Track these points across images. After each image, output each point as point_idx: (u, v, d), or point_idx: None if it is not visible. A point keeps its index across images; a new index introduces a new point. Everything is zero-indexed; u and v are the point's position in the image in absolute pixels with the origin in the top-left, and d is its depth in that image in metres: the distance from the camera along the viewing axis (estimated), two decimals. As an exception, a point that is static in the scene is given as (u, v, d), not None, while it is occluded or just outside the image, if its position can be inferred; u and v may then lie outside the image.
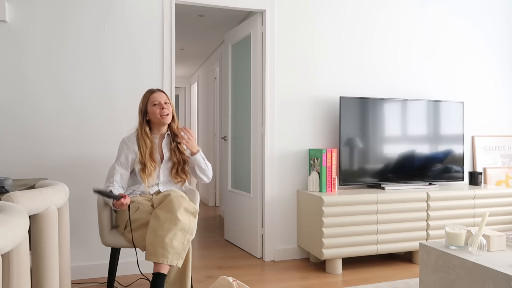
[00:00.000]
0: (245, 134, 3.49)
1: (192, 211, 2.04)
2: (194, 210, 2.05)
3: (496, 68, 3.82)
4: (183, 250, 1.96)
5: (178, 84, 7.64)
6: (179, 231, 1.95)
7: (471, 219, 3.17)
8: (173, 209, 1.96)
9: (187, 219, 1.99)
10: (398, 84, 3.48)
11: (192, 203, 2.06)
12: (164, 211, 1.97)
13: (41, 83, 2.65)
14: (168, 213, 1.96)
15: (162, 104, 2.24)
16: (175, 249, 1.92)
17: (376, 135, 3.21)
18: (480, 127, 3.76)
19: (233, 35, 3.71)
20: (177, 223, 1.94)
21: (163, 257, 1.90)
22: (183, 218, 1.97)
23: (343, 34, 3.33)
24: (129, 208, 2.09)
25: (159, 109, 2.23)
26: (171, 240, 1.91)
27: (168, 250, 1.91)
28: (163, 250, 1.90)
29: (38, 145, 2.65)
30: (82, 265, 2.72)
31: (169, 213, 1.96)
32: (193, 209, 2.05)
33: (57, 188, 1.66)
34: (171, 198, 1.99)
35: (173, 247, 1.92)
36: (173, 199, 1.98)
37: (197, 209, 2.07)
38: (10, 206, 1.16)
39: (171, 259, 1.91)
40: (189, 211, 2.02)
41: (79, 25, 2.72)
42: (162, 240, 1.91)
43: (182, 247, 1.95)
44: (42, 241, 1.52)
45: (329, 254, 2.79)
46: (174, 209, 1.96)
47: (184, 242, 1.96)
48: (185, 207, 2.00)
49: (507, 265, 1.71)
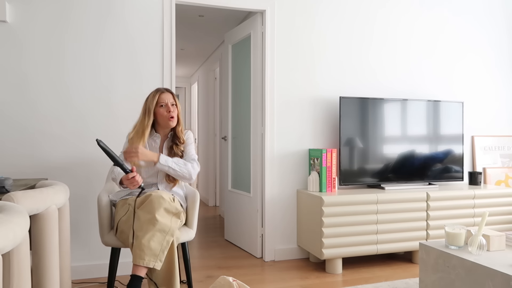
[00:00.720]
0: (245, 134, 3.49)
1: (174, 212, 1.98)
2: (176, 211, 1.99)
3: (496, 68, 3.82)
4: (161, 251, 1.90)
5: (178, 84, 7.65)
6: (157, 232, 1.90)
7: (471, 219, 3.17)
8: (152, 210, 1.92)
9: (168, 220, 1.94)
10: (397, 84, 3.48)
11: (174, 204, 1.99)
12: (144, 212, 1.94)
13: (41, 83, 2.66)
14: (147, 214, 1.92)
15: (169, 106, 2.20)
16: (152, 250, 1.87)
17: (376, 135, 3.21)
18: (480, 127, 3.76)
19: (233, 35, 3.72)
20: (156, 224, 1.90)
21: (140, 258, 1.86)
22: (163, 219, 1.92)
23: (343, 34, 3.33)
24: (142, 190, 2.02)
25: (166, 111, 2.19)
26: (148, 241, 1.87)
27: (144, 252, 1.86)
28: (140, 252, 1.87)
29: (38, 145, 2.65)
30: (82, 265, 2.72)
31: (148, 214, 1.92)
32: (175, 210, 1.98)
33: (57, 188, 1.66)
34: (150, 199, 1.95)
35: (150, 248, 1.87)
36: (153, 199, 1.95)
37: (179, 210, 2.01)
38: (10, 206, 1.16)
39: (148, 260, 1.86)
40: (170, 212, 1.96)
41: (79, 25, 2.72)
42: (139, 242, 1.88)
43: (160, 249, 1.90)
44: (43, 241, 1.52)
45: (329, 254, 2.80)
46: (153, 209, 1.92)
47: (163, 244, 1.91)
48: (165, 207, 1.94)
49: (507, 265, 1.72)
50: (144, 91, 2.84)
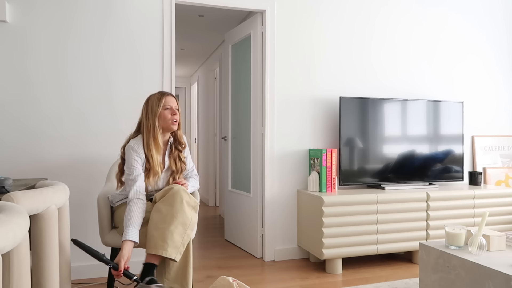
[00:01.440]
0: (245, 134, 3.49)
1: (193, 205, 2.02)
2: (195, 204, 2.03)
3: (496, 68, 3.82)
4: (182, 244, 1.92)
5: (178, 84, 7.64)
6: (180, 225, 1.92)
7: (471, 219, 3.17)
8: (175, 203, 1.94)
9: (189, 213, 1.98)
10: (398, 84, 3.48)
11: (193, 197, 2.04)
12: (165, 205, 1.95)
13: (41, 83, 2.65)
14: (169, 207, 1.94)
15: (174, 109, 2.16)
16: (175, 242, 1.89)
17: (376, 135, 3.21)
18: (480, 127, 3.76)
19: (233, 35, 3.72)
20: (179, 217, 1.92)
21: (162, 249, 1.87)
22: (185, 212, 1.95)
23: (343, 34, 3.33)
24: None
25: (170, 114, 2.14)
26: (171, 233, 1.89)
27: (167, 243, 1.88)
28: (162, 243, 1.87)
29: (38, 145, 2.65)
30: (82, 265, 2.72)
31: (171, 207, 1.94)
32: (194, 203, 2.02)
33: (57, 188, 1.66)
34: (173, 192, 1.97)
35: (173, 240, 1.89)
36: (175, 192, 1.96)
37: (197, 203, 2.05)
38: (10, 206, 1.16)
39: (170, 252, 1.87)
40: (190, 205, 2.00)
41: (79, 25, 2.72)
42: (162, 233, 1.89)
43: (182, 242, 1.92)
44: (42, 241, 1.52)
45: (329, 254, 2.79)
46: (176, 202, 1.94)
47: (184, 237, 1.93)
48: (186, 200, 1.98)
49: (507, 265, 1.72)
50: (144, 91, 2.84)
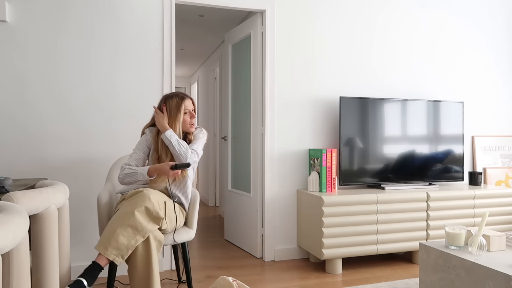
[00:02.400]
0: (245, 134, 3.49)
1: (154, 215, 1.93)
2: (157, 215, 1.94)
3: (496, 68, 3.82)
4: (125, 248, 1.86)
5: (178, 84, 7.64)
6: (130, 228, 1.87)
7: (471, 219, 3.17)
8: (134, 205, 1.91)
9: (145, 220, 1.90)
10: (398, 84, 3.48)
11: (157, 209, 1.94)
12: (126, 205, 1.94)
13: (41, 83, 2.65)
14: (128, 207, 1.91)
15: (192, 112, 2.23)
16: (118, 244, 1.85)
17: (376, 135, 3.21)
18: (480, 127, 3.76)
19: (233, 35, 3.71)
20: (131, 219, 1.87)
21: (103, 247, 1.84)
22: (140, 217, 1.89)
23: (343, 34, 3.33)
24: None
25: (189, 118, 2.22)
26: (118, 234, 1.85)
27: (110, 243, 1.84)
28: (106, 241, 1.85)
29: (38, 145, 2.65)
30: (82, 265, 2.72)
31: (128, 208, 1.91)
32: (156, 214, 1.94)
33: (57, 188, 1.66)
34: (138, 195, 1.95)
35: (117, 241, 1.84)
36: (140, 196, 1.94)
37: (160, 216, 1.95)
38: (10, 206, 1.16)
39: (110, 252, 1.83)
40: (150, 214, 1.92)
41: (79, 25, 2.72)
42: (110, 231, 1.86)
43: (126, 245, 1.86)
44: (42, 241, 1.52)
45: (329, 254, 2.79)
46: (135, 205, 1.91)
47: (131, 241, 1.87)
48: (147, 207, 1.91)
49: (507, 265, 1.72)
50: (144, 91, 2.84)
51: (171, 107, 2.19)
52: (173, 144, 2.11)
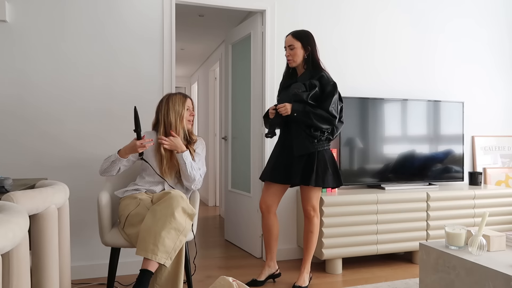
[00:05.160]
0: (245, 134, 3.49)
1: (190, 213, 2.02)
2: (192, 212, 2.03)
3: (496, 68, 3.82)
4: (173, 250, 1.92)
5: (178, 84, 7.64)
6: (173, 230, 1.92)
7: (471, 219, 3.17)
8: (170, 207, 1.95)
9: (183, 220, 1.97)
10: (398, 84, 3.48)
11: (190, 206, 2.04)
12: (161, 208, 1.96)
13: (41, 83, 2.65)
14: (165, 210, 1.94)
15: (191, 110, 2.39)
16: (166, 247, 1.89)
17: (376, 135, 3.21)
18: (480, 127, 3.76)
19: (233, 35, 3.71)
20: (172, 222, 1.92)
21: (153, 253, 1.87)
22: (180, 218, 1.95)
23: (343, 33, 3.33)
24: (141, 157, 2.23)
25: (189, 115, 2.36)
26: (163, 238, 1.89)
27: (158, 247, 1.87)
28: (153, 247, 1.88)
29: (38, 145, 2.65)
30: (82, 265, 2.72)
31: (166, 211, 1.94)
32: (191, 211, 2.03)
33: (57, 188, 1.66)
34: (170, 196, 1.99)
35: (164, 245, 1.88)
36: (172, 197, 1.98)
37: (195, 212, 2.06)
38: (10, 206, 1.16)
39: (160, 256, 1.88)
40: (186, 212, 2.00)
41: (79, 25, 2.72)
42: (154, 236, 1.89)
43: (173, 247, 1.92)
44: (42, 241, 1.52)
45: (329, 254, 2.79)
46: (172, 207, 1.95)
47: (176, 243, 1.93)
48: (183, 207, 1.98)
49: (507, 265, 1.71)
50: (144, 91, 2.84)
51: (175, 102, 2.32)
52: (186, 165, 2.22)
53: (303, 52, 2.47)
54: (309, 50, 2.47)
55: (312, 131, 2.39)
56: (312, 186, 2.41)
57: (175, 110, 2.30)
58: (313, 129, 2.39)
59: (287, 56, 2.52)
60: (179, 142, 2.23)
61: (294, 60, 2.49)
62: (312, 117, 2.36)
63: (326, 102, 2.39)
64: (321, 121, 2.37)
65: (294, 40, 2.48)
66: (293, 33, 2.52)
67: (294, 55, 2.48)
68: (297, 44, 2.47)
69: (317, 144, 2.41)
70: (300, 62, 2.50)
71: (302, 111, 2.37)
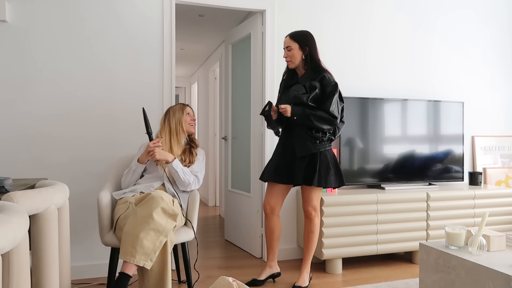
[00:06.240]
0: (245, 134, 3.49)
1: (171, 213, 1.98)
2: (173, 213, 1.99)
3: (497, 68, 3.82)
4: (153, 251, 1.90)
5: (178, 84, 7.64)
6: (152, 231, 1.90)
7: (471, 219, 3.17)
8: (150, 208, 1.93)
9: (164, 220, 1.95)
10: (398, 84, 3.48)
11: (171, 206, 2.00)
12: (141, 210, 1.95)
13: (41, 83, 2.65)
14: (144, 212, 1.93)
15: (192, 115, 2.53)
16: (145, 249, 1.87)
17: (376, 135, 3.21)
18: (480, 127, 3.76)
19: (233, 35, 3.71)
20: (151, 223, 1.90)
21: (131, 255, 1.86)
22: (159, 218, 1.92)
23: (343, 33, 3.33)
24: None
25: (190, 119, 2.50)
26: (141, 239, 1.87)
27: (136, 249, 1.86)
28: (131, 249, 1.87)
29: (38, 145, 2.65)
30: (82, 265, 2.72)
31: (145, 212, 1.93)
32: (172, 211, 1.99)
33: (57, 188, 1.66)
34: (150, 197, 1.97)
35: (142, 246, 1.87)
36: (152, 198, 1.96)
37: (176, 212, 2.01)
38: (10, 206, 1.16)
39: (139, 258, 1.86)
40: (167, 213, 1.97)
41: (78, 25, 2.72)
42: (133, 238, 1.88)
43: (153, 248, 1.90)
44: (42, 241, 1.52)
45: (329, 254, 2.79)
46: (151, 208, 1.93)
47: (156, 243, 1.91)
48: (163, 207, 1.95)
49: (507, 265, 1.71)
50: (144, 91, 2.84)
51: (175, 110, 2.48)
52: (178, 173, 2.30)
53: (300, 53, 2.47)
54: (307, 51, 2.46)
55: (313, 132, 2.39)
56: (315, 186, 2.41)
57: (175, 117, 2.46)
58: (314, 131, 2.39)
59: (285, 58, 2.52)
60: (164, 153, 2.30)
61: (292, 61, 2.49)
62: (313, 119, 2.36)
63: (326, 103, 2.39)
64: (322, 122, 2.37)
65: (291, 41, 2.48)
66: (290, 34, 2.52)
67: (292, 56, 2.48)
68: (295, 45, 2.47)
69: (319, 145, 2.41)
70: (298, 63, 2.50)
71: (301, 114, 2.37)
